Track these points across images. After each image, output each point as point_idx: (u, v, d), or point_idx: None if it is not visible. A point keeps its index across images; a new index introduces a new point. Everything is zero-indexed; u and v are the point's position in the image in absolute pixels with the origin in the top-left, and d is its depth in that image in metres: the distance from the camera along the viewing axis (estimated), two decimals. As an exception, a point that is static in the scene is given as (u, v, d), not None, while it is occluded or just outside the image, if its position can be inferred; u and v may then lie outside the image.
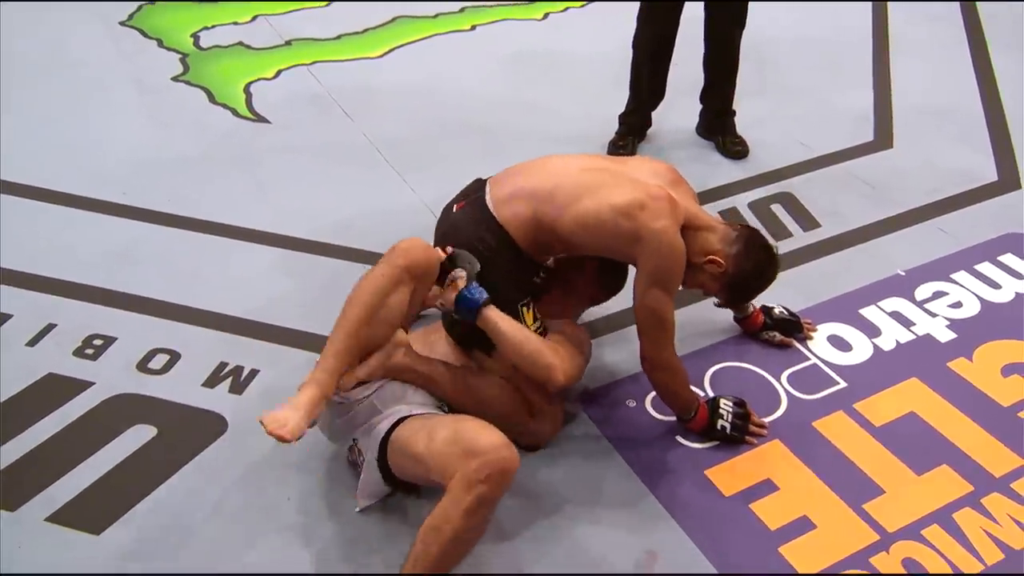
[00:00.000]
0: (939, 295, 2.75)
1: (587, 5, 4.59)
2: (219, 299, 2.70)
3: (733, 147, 3.42)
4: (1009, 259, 2.89)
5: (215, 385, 2.42)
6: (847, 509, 2.10)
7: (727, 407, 2.26)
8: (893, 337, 2.60)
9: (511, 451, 1.80)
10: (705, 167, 3.31)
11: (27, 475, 2.17)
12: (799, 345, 2.56)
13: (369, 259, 2.73)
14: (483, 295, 2.07)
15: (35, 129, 3.56)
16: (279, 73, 3.97)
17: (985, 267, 2.86)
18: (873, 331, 2.62)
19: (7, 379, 2.42)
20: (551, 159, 2.29)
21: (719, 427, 2.23)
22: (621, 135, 3.43)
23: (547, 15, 4.51)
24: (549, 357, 2.09)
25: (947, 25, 4.43)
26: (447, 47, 4.22)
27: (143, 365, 2.48)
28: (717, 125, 3.46)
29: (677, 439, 2.28)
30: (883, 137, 3.58)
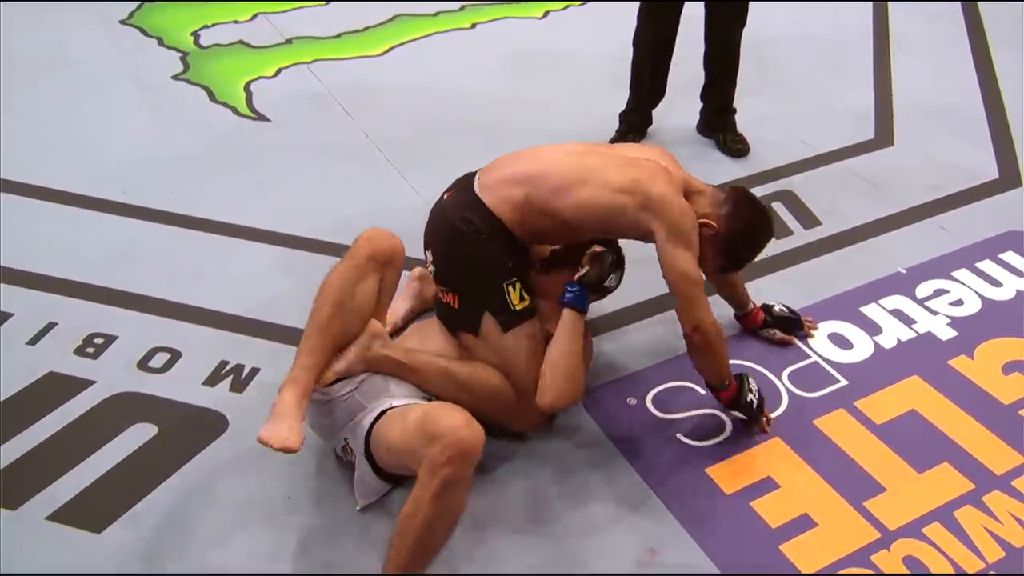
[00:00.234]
0: (940, 293, 2.75)
1: (587, 3, 4.59)
2: (219, 298, 2.70)
3: (734, 145, 3.42)
4: (1010, 257, 2.89)
5: (216, 384, 2.42)
6: (848, 507, 2.10)
7: (753, 383, 2.27)
8: (894, 335, 2.60)
9: (471, 430, 1.79)
10: (706, 165, 3.30)
11: (28, 474, 2.17)
12: (800, 343, 2.56)
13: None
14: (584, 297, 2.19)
15: (35, 128, 3.56)
16: (279, 71, 3.97)
17: (986, 265, 2.86)
18: (874, 329, 2.62)
19: (8, 378, 2.42)
20: (541, 147, 2.32)
21: (748, 400, 2.24)
22: (622, 133, 3.43)
23: (547, 13, 4.50)
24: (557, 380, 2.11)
25: (948, 23, 4.43)
26: (447, 45, 4.22)
27: (144, 364, 2.48)
28: (718, 123, 3.45)
29: (678, 437, 2.28)
30: (884, 135, 3.57)
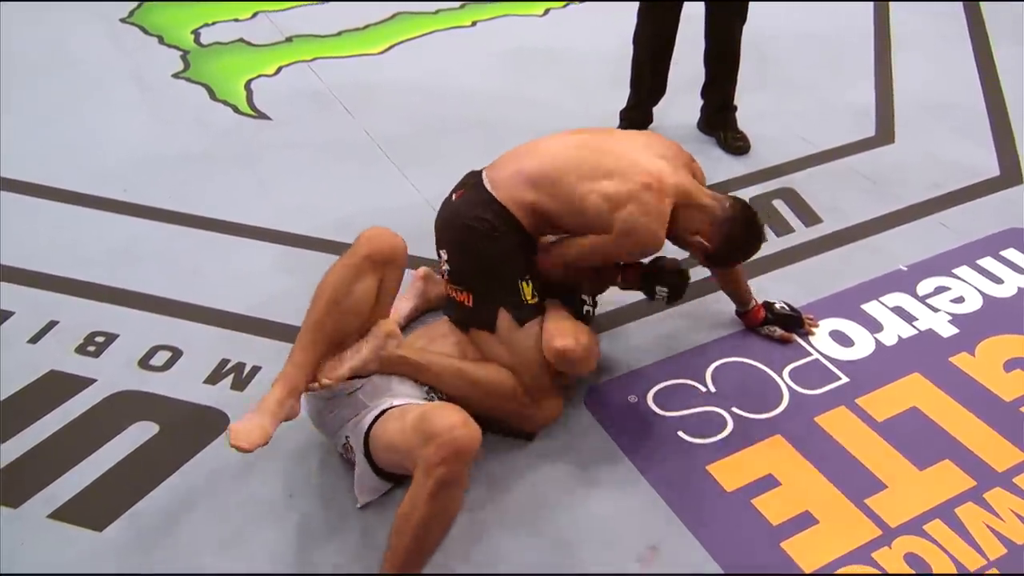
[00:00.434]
0: (941, 290, 2.75)
1: (588, 1, 4.58)
2: (220, 296, 2.70)
3: (734, 142, 3.41)
4: (1011, 254, 2.88)
5: (217, 382, 2.42)
6: (849, 504, 2.10)
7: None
8: (895, 332, 2.59)
9: (467, 429, 1.78)
10: (706, 162, 3.25)
11: (29, 472, 2.17)
12: (800, 340, 2.56)
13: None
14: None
15: (36, 126, 3.56)
16: (280, 70, 3.97)
17: (987, 262, 2.85)
18: (875, 326, 2.61)
19: (9, 376, 2.42)
20: (544, 140, 2.32)
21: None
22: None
23: (548, 11, 4.50)
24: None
25: (949, 20, 4.42)
26: (448, 43, 4.21)
27: (145, 362, 2.48)
28: (718, 120, 3.45)
29: (679, 434, 2.28)
30: (884, 132, 3.57)
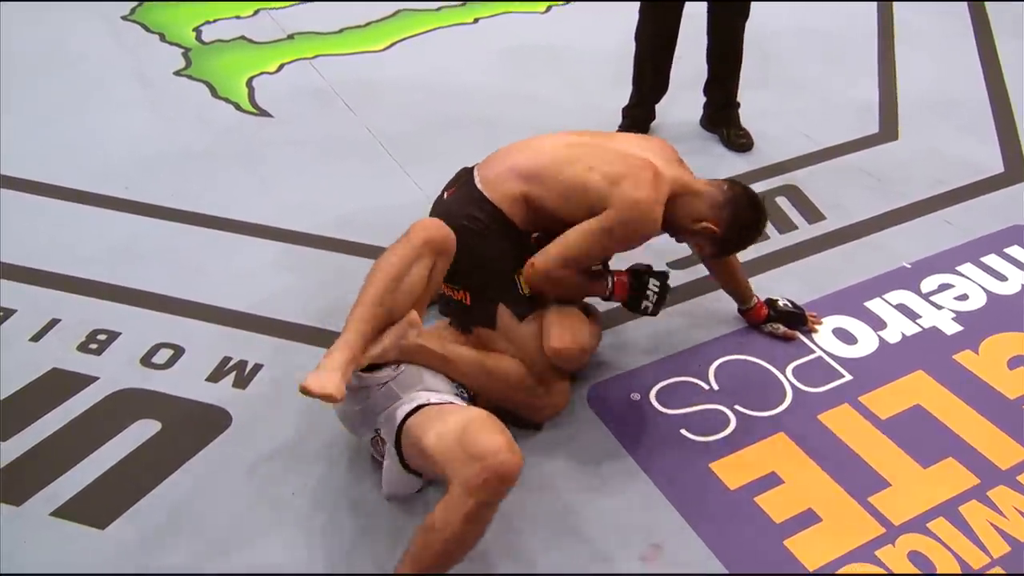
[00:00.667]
0: (945, 287, 2.74)
1: (590, -2, 4.58)
2: (222, 294, 2.70)
3: (737, 140, 3.40)
4: (1015, 251, 2.88)
5: (219, 380, 2.42)
6: (852, 502, 2.10)
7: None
8: (899, 330, 2.59)
9: (512, 455, 1.75)
10: (709, 160, 3.29)
11: (31, 470, 2.17)
12: (804, 338, 2.55)
13: (372, 253, 2.69)
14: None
15: (37, 125, 3.56)
16: (281, 67, 3.97)
17: (991, 259, 2.84)
18: (878, 324, 2.61)
19: (11, 374, 2.42)
20: (536, 138, 2.32)
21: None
22: (625, 128, 3.41)
23: (550, 8, 4.49)
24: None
25: (952, 17, 4.41)
26: (450, 40, 4.21)
27: (147, 360, 2.47)
28: (721, 118, 3.44)
29: (681, 432, 2.27)
30: (888, 129, 3.56)
